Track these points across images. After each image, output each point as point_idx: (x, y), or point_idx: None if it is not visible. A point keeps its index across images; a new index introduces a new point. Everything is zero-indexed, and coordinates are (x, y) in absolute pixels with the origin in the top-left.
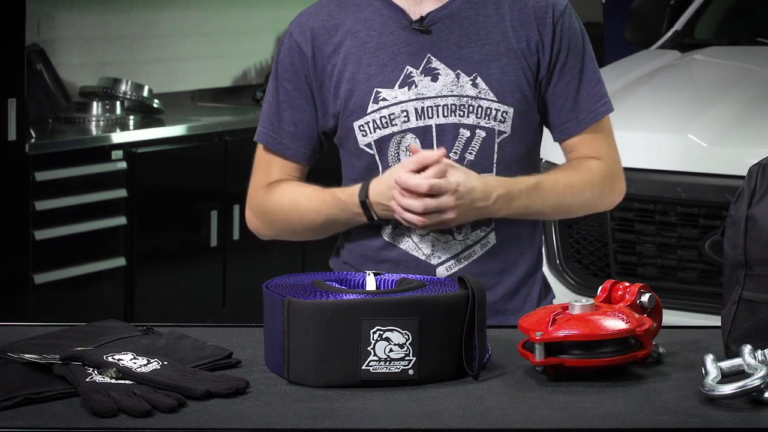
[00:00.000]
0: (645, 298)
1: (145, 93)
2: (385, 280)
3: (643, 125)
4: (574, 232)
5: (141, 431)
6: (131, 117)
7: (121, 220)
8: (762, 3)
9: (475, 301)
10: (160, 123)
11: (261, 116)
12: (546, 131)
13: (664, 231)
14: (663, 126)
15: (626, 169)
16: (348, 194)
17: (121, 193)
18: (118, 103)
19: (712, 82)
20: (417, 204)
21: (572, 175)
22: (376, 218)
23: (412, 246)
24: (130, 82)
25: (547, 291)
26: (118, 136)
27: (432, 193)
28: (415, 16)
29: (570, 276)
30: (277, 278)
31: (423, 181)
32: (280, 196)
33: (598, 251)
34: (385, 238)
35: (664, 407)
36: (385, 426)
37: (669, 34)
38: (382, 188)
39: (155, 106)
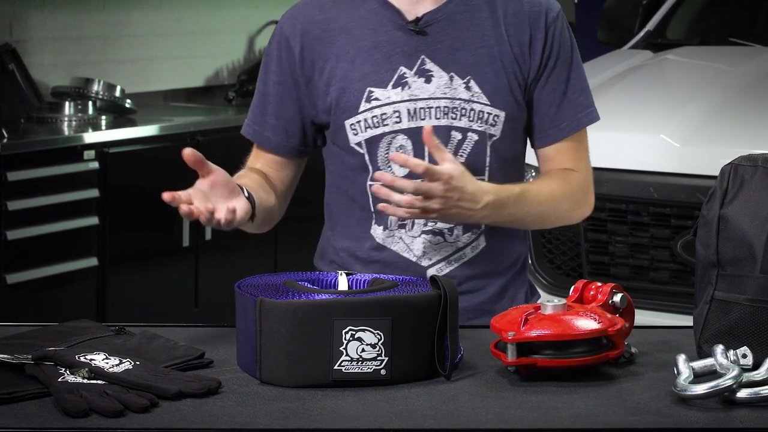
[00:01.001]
0: (617, 298)
1: (118, 93)
2: (357, 280)
3: (616, 125)
4: (547, 233)
5: (113, 431)
6: (103, 117)
7: (94, 220)
8: (734, 3)
9: (447, 301)
10: (132, 123)
11: (250, 108)
12: None
13: (636, 231)
14: (635, 126)
15: (598, 169)
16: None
17: (94, 193)
18: (90, 103)
19: (685, 82)
20: (409, 184)
21: (554, 186)
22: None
23: (403, 247)
24: (102, 82)
25: (533, 292)
26: (91, 136)
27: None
28: (410, 17)
29: (542, 276)
30: (249, 278)
31: (421, 162)
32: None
33: (570, 251)
34: (376, 240)
35: (636, 407)
36: (357, 426)
37: (641, 34)
38: None
39: (127, 106)
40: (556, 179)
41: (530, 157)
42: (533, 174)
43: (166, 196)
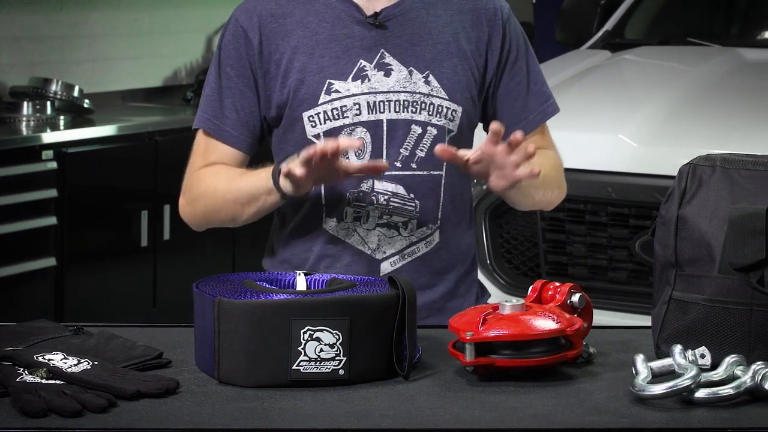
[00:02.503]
0: (575, 298)
1: (76, 93)
2: (315, 280)
3: (574, 125)
4: (505, 232)
5: (71, 431)
6: (62, 117)
7: (52, 220)
8: (692, 3)
9: (406, 301)
10: (90, 123)
11: (201, 102)
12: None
13: (594, 231)
14: (593, 126)
15: None
16: (266, 173)
17: (52, 193)
18: (48, 103)
19: (643, 82)
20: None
21: (547, 163)
22: (281, 187)
23: (359, 240)
24: (60, 82)
25: (483, 291)
26: (49, 136)
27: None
28: (368, 12)
29: (500, 276)
30: (207, 278)
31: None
32: (210, 176)
33: (528, 251)
34: (329, 232)
35: (594, 407)
36: (315, 426)
37: (599, 34)
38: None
39: (86, 106)
40: (545, 157)
41: None
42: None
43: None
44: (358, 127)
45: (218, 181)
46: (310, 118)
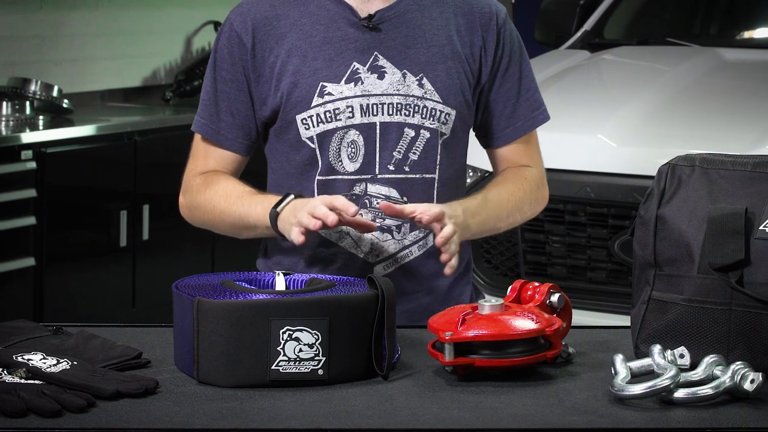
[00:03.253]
0: (554, 298)
1: (55, 93)
2: (294, 280)
3: (553, 125)
4: None
5: (51, 431)
6: (41, 117)
7: (31, 220)
8: (671, 3)
9: (385, 301)
10: (69, 123)
11: (199, 105)
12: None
13: (573, 231)
14: (572, 126)
15: None
16: (263, 208)
17: (31, 193)
18: (27, 103)
19: (622, 82)
20: (444, 234)
21: (513, 187)
22: (279, 228)
23: (351, 244)
24: (39, 82)
25: (477, 293)
26: (28, 136)
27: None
28: (362, 14)
29: (480, 276)
30: (186, 278)
31: (411, 209)
32: (210, 190)
33: (507, 251)
34: (323, 235)
35: (573, 407)
36: (294, 426)
37: (578, 34)
38: (311, 202)
39: (65, 106)
40: (512, 179)
41: (470, 158)
42: (470, 174)
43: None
44: (351, 130)
45: (217, 199)
46: (303, 121)
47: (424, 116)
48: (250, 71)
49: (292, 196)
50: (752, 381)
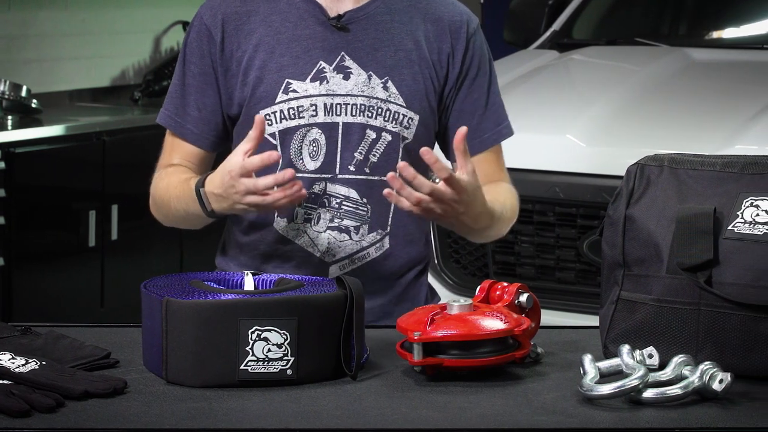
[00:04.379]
0: (523, 298)
1: (23, 93)
2: (263, 280)
3: (521, 125)
4: (452, 233)
5: (19, 431)
6: (9, 117)
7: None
8: (640, 3)
9: (353, 301)
10: (38, 123)
11: (166, 98)
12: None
13: (542, 231)
14: (541, 126)
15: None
16: (192, 182)
17: (0, 193)
18: None
19: (591, 82)
20: (427, 185)
21: (509, 202)
22: (209, 209)
23: (308, 242)
24: (7, 82)
25: (432, 294)
26: None
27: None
28: (332, 14)
29: (448, 276)
30: (155, 278)
31: (447, 167)
32: (164, 184)
33: (476, 251)
34: (279, 232)
35: (542, 407)
36: (263, 426)
37: (547, 34)
38: (218, 178)
39: (33, 106)
40: (505, 194)
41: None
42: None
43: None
44: (314, 129)
45: (167, 195)
46: (267, 117)
47: (386, 119)
48: (218, 65)
49: (202, 190)
50: (721, 381)
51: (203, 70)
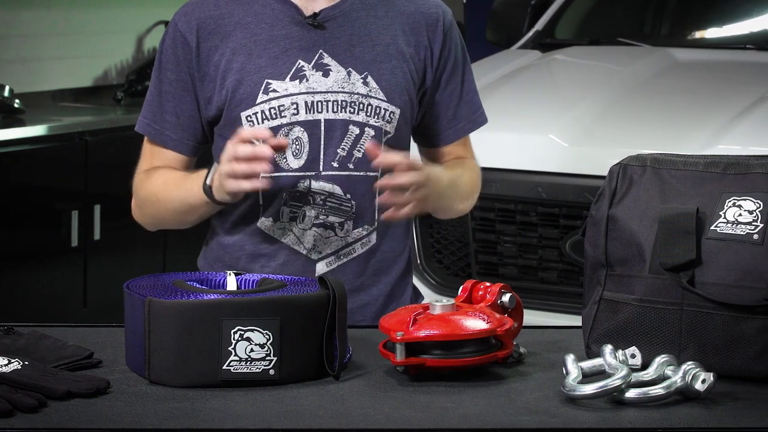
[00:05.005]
0: (506, 298)
1: (6, 93)
2: (246, 280)
3: (504, 125)
4: (435, 232)
5: (1, 431)
6: None
7: None
8: (622, 3)
9: (336, 301)
10: (20, 123)
11: (144, 106)
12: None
13: (524, 231)
14: (524, 126)
15: (487, 170)
16: (197, 184)
17: None
18: None
19: (573, 82)
20: (407, 178)
21: (468, 174)
22: (216, 197)
23: (294, 240)
24: None
25: (417, 294)
26: None
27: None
28: (307, 13)
29: (431, 276)
30: (138, 278)
31: (400, 159)
32: (151, 183)
33: (459, 251)
34: (265, 231)
35: (525, 407)
36: (246, 426)
37: (530, 34)
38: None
39: (16, 106)
40: (462, 167)
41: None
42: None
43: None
44: (296, 127)
45: (158, 189)
46: (248, 118)
47: (368, 114)
48: (195, 71)
49: (216, 164)
50: (703, 381)
51: (179, 76)
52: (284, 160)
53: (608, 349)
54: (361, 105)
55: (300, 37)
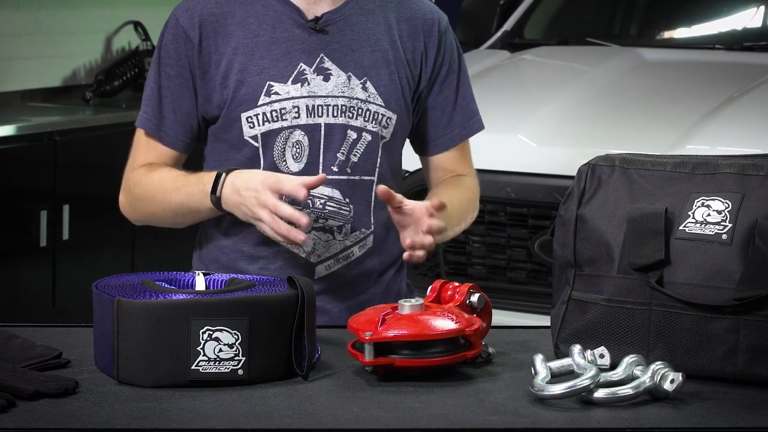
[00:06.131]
0: (474, 298)
1: None
2: (214, 280)
3: None
4: None
5: None
6: None
7: None
8: (591, 3)
9: (305, 301)
10: None
11: (143, 101)
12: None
13: (493, 231)
14: (492, 126)
15: None
16: (200, 191)
17: None
18: None
19: (542, 82)
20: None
21: (462, 196)
22: (218, 194)
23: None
24: None
25: (411, 291)
26: None
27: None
28: (309, 16)
29: None
30: (106, 278)
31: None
32: (148, 181)
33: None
34: (264, 235)
35: (493, 407)
36: (214, 426)
37: (498, 34)
38: (248, 176)
39: None
40: (457, 188)
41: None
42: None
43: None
44: (297, 130)
45: (155, 190)
46: (249, 119)
47: (366, 119)
48: (196, 67)
49: (224, 175)
50: (672, 381)
51: (179, 72)
52: (284, 164)
53: (577, 349)
54: (360, 110)
55: (302, 40)
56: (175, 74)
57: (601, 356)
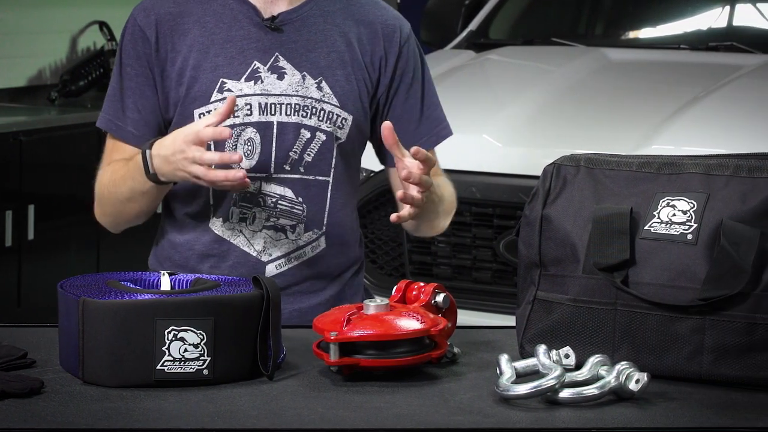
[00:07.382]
0: (439, 298)
1: None
2: (180, 280)
3: None
4: (369, 232)
5: None
6: None
7: None
8: (556, 3)
9: (270, 301)
10: None
11: (105, 102)
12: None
13: (458, 231)
14: (457, 126)
15: None
16: (136, 162)
17: None
18: None
19: (507, 82)
20: (417, 171)
21: (448, 188)
22: (152, 171)
23: (244, 242)
24: None
25: (369, 296)
26: None
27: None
28: (266, 15)
29: (365, 276)
30: (72, 278)
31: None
32: (103, 179)
33: (392, 251)
34: (215, 232)
35: (458, 407)
36: (179, 426)
37: (464, 34)
38: (169, 141)
39: None
40: (444, 184)
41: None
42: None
43: None
44: (249, 128)
45: (109, 187)
46: (201, 116)
47: (320, 119)
48: (155, 65)
49: (148, 150)
50: (637, 381)
51: (140, 71)
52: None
53: (542, 349)
54: (314, 109)
55: (257, 39)
56: (135, 73)
57: (567, 356)
